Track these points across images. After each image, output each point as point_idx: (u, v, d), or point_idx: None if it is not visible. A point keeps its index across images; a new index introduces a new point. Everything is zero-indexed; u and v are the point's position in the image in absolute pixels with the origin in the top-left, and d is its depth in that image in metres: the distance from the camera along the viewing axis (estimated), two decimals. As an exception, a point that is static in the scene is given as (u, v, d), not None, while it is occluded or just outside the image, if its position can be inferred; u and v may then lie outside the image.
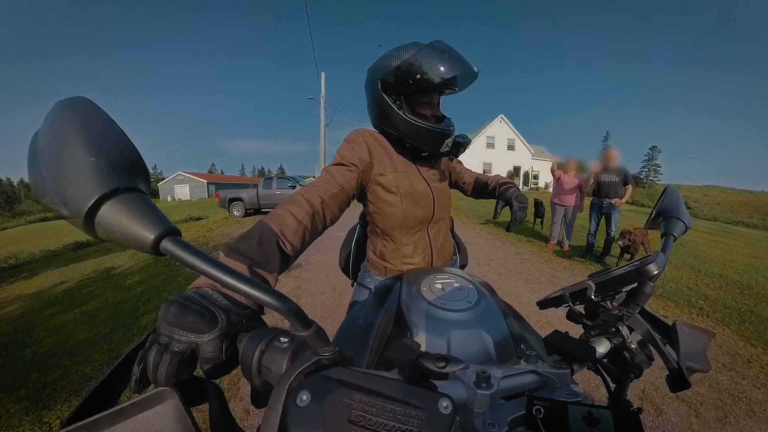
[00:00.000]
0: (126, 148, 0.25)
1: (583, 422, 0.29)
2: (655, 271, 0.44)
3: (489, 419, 0.31)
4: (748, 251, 5.85)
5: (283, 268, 0.56)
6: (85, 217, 0.22)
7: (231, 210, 10.19)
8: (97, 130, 0.24)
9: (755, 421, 1.62)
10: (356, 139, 0.87)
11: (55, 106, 0.24)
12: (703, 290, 3.48)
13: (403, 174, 0.88)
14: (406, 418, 0.25)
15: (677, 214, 0.52)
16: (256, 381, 0.33)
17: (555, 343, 0.40)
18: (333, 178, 0.77)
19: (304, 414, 0.25)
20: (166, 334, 0.34)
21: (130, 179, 0.24)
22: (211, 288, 0.41)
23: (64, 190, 0.22)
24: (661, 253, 0.47)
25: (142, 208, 0.23)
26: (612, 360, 0.45)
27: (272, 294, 0.26)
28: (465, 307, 0.53)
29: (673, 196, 0.54)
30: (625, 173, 4.18)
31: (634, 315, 0.46)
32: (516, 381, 0.36)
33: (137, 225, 0.22)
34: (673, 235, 0.51)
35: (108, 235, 0.23)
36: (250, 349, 0.33)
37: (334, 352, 0.29)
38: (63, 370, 2.12)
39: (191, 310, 0.35)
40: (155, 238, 0.23)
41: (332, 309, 2.94)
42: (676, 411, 1.68)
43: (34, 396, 1.88)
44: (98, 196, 0.22)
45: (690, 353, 0.42)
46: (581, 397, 0.36)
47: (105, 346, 2.39)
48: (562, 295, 0.52)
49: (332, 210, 0.74)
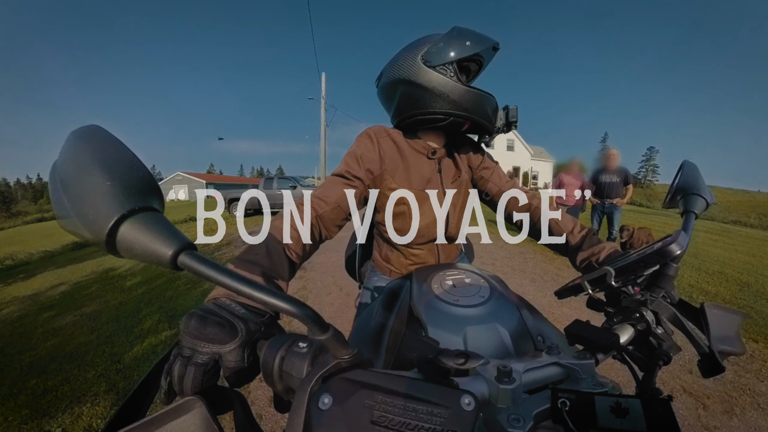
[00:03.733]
0: (139, 170, 0.26)
1: (611, 413, 0.28)
2: (678, 251, 0.41)
3: (513, 414, 0.30)
4: (746, 250, 5.90)
5: (291, 274, 0.57)
6: (107, 238, 0.23)
7: (231, 210, 10.16)
8: (111, 155, 0.25)
9: (761, 413, 1.65)
10: (368, 145, 0.79)
11: (70, 136, 0.25)
12: (704, 287, 3.50)
13: (416, 190, 0.81)
14: (429, 417, 0.25)
15: (697, 190, 0.49)
16: (278, 387, 0.33)
17: (577, 333, 0.39)
18: (330, 194, 0.73)
19: (327, 417, 0.26)
20: (188, 346, 0.35)
21: (144, 199, 0.25)
22: (228, 298, 0.42)
23: (85, 216, 0.23)
24: (683, 232, 0.44)
25: (159, 225, 0.24)
26: (638, 347, 0.43)
27: (288, 300, 0.26)
28: (478, 302, 0.52)
29: (692, 171, 0.51)
30: (625, 173, 4.21)
31: (658, 299, 0.44)
32: (539, 374, 0.35)
33: (155, 242, 0.24)
34: (694, 212, 0.48)
35: (130, 254, 0.24)
36: (270, 356, 0.34)
37: (353, 355, 0.30)
38: (64, 376, 2.05)
39: (211, 322, 0.36)
40: (173, 253, 0.24)
41: (340, 309, 2.93)
42: (683, 404, 1.70)
43: (33, 403, 1.80)
44: (117, 217, 0.23)
45: (722, 336, 0.40)
46: (608, 387, 0.34)
47: (107, 350, 2.32)
48: (581, 283, 0.50)
49: (327, 227, 0.71)
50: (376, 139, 0.80)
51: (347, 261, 1.24)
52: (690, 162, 0.53)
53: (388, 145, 0.80)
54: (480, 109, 0.75)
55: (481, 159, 0.92)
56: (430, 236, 0.85)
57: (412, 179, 0.81)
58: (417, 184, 0.81)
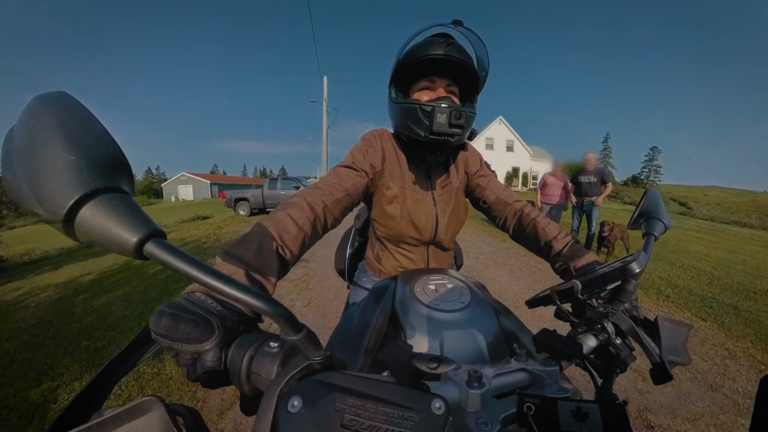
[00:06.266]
0: (108, 146, 0.23)
1: (572, 417, 0.29)
2: (637, 270, 0.44)
3: (482, 418, 0.30)
4: (728, 247, 6.04)
5: (281, 273, 0.52)
6: (64, 219, 0.20)
7: (237, 209, 10.30)
8: (77, 126, 0.22)
9: (696, 385, 1.82)
10: (372, 143, 0.81)
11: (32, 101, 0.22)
12: (674, 280, 3.64)
13: (408, 191, 0.81)
14: (400, 420, 0.25)
15: (657, 215, 0.52)
16: (246, 388, 0.31)
17: (544, 341, 0.40)
18: (340, 181, 0.72)
19: (295, 420, 0.25)
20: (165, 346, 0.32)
21: (111, 179, 0.22)
22: (204, 294, 0.38)
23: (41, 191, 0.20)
24: (643, 252, 0.47)
25: (125, 209, 0.22)
26: (598, 356, 0.45)
27: (260, 297, 0.25)
28: (458, 307, 0.52)
29: (654, 199, 0.55)
30: (602, 174, 4.54)
31: (618, 312, 0.46)
32: (507, 379, 0.36)
33: (119, 227, 0.21)
34: (654, 234, 0.51)
35: (88, 238, 0.21)
36: (238, 355, 0.32)
37: (325, 356, 0.28)
38: (110, 339, 2.39)
39: (184, 320, 0.32)
40: (138, 241, 0.21)
41: (338, 290, 3.25)
42: (626, 375, 1.84)
43: (88, 357, 2.16)
44: (78, 196, 0.20)
45: (671, 347, 0.43)
46: (570, 392, 0.35)
47: (142, 323, 2.58)
48: (550, 294, 0.52)
49: (334, 215, 0.69)
50: (379, 139, 0.82)
51: (339, 262, 1.21)
52: (653, 190, 0.57)
53: (389, 146, 0.82)
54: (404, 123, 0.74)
55: (479, 167, 0.91)
56: (419, 238, 0.85)
57: (406, 181, 0.82)
58: (410, 186, 0.82)
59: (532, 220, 0.82)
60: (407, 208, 0.81)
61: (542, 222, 0.80)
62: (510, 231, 0.89)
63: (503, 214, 0.89)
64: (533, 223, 0.81)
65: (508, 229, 0.89)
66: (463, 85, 0.79)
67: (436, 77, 0.76)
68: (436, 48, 0.70)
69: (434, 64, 0.73)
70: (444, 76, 0.76)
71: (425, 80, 0.76)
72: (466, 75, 0.76)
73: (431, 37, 0.74)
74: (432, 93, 0.77)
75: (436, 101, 0.71)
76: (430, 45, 0.71)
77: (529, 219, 0.83)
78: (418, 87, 0.78)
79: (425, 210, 0.83)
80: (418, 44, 0.73)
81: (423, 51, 0.71)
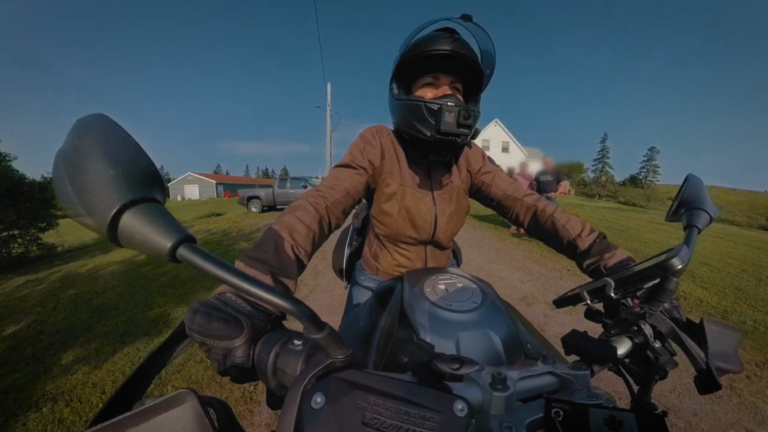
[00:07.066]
0: (142, 161, 0.26)
1: (605, 426, 0.27)
2: (679, 266, 0.39)
3: (506, 422, 0.29)
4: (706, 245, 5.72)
5: (299, 272, 0.54)
6: (109, 227, 0.23)
7: (249, 207, 11.06)
8: (115, 144, 0.25)
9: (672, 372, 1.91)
10: (371, 139, 0.78)
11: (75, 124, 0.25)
12: None
13: (407, 188, 0.79)
14: (421, 421, 0.25)
15: (701, 205, 0.47)
16: (272, 383, 0.33)
17: (573, 343, 0.37)
18: (339, 182, 0.71)
19: (318, 416, 0.25)
20: (198, 342, 0.34)
21: (147, 190, 0.25)
22: (234, 294, 0.39)
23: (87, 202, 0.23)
24: (685, 246, 0.42)
25: (159, 217, 0.24)
26: (634, 360, 0.41)
27: (285, 297, 0.26)
28: (471, 307, 0.50)
29: (696, 185, 0.49)
30: (557, 174, 5.72)
31: (657, 313, 0.42)
32: (533, 383, 0.34)
33: (155, 233, 0.23)
34: (697, 227, 0.45)
35: (129, 243, 0.24)
36: (264, 352, 0.33)
37: (348, 355, 0.29)
38: (187, 289, 3.27)
39: (216, 318, 0.34)
40: (172, 245, 0.23)
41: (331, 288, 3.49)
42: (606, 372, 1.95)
43: (178, 298, 3.04)
44: (119, 206, 0.23)
45: (719, 353, 0.38)
46: (603, 399, 0.33)
47: (207, 285, 3.29)
48: (580, 293, 0.48)
49: (336, 215, 0.68)
50: (377, 135, 0.79)
51: (336, 261, 1.20)
52: (694, 176, 0.50)
53: (387, 143, 0.80)
54: (408, 121, 0.71)
55: (482, 164, 0.87)
56: (417, 237, 0.82)
57: (405, 179, 0.79)
58: (409, 184, 0.79)
59: (549, 217, 0.76)
60: (405, 206, 0.79)
61: (562, 218, 0.74)
62: (524, 226, 0.84)
63: (513, 210, 0.84)
64: (551, 221, 0.75)
65: (522, 225, 0.85)
66: (467, 82, 0.77)
67: (440, 73, 0.74)
68: (443, 43, 0.68)
69: (439, 60, 0.71)
70: (448, 73, 0.74)
71: (429, 76, 0.74)
72: (471, 72, 0.73)
73: (436, 32, 0.71)
74: (436, 90, 0.74)
75: (443, 99, 0.68)
76: (436, 40, 0.69)
77: (546, 216, 0.77)
78: (421, 83, 0.75)
79: (424, 209, 0.80)
80: (423, 38, 0.71)
81: (429, 46, 0.69)
